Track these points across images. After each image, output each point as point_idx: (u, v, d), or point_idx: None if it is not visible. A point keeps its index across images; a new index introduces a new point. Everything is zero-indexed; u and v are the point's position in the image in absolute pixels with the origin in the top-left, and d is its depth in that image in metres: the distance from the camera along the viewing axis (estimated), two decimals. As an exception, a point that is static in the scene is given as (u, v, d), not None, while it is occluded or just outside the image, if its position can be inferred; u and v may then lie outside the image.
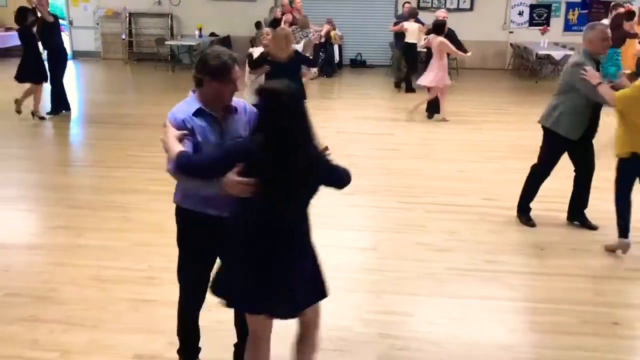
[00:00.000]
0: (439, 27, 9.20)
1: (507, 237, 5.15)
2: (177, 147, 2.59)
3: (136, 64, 15.35)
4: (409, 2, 12.76)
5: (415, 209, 5.76)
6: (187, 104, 2.76)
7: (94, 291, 4.14)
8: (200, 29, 14.63)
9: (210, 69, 2.66)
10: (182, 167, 2.55)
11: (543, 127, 5.26)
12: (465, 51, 9.79)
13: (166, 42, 14.71)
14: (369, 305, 3.99)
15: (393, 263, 4.61)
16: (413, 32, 11.50)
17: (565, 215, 5.54)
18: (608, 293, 4.24)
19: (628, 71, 10.25)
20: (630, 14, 10.40)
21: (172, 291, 4.15)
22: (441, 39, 9.06)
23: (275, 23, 10.67)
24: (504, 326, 3.80)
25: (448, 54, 9.23)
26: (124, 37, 15.54)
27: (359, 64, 15.21)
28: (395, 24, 12.03)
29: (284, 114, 2.43)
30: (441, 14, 9.95)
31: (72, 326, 3.72)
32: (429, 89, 9.35)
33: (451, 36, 9.61)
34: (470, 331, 3.72)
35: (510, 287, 4.29)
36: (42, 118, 9.22)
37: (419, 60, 12.23)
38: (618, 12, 10.33)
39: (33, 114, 9.15)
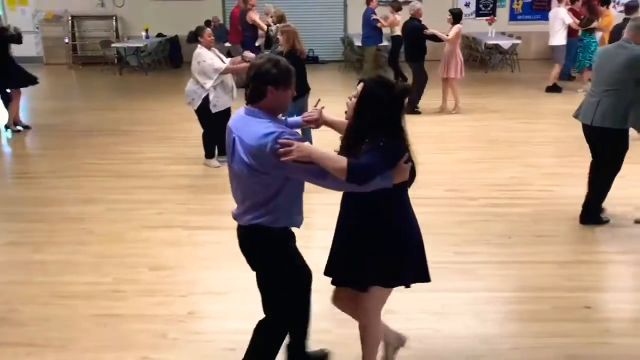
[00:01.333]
0: (460, 16, 9.40)
1: (474, 228, 5.18)
2: (338, 157, 2.52)
3: (81, 68, 14.87)
4: None
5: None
6: (269, 119, 2.60)
7: (56, 309, 3.94)
8: (146, 30, 14.27)
9: (275, 77, 2.58)
10: (360, 174, 2.48)
11: (610, 128, 4.82)
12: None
13: (112, 45, 14.29)
14: (345, 305, 3.93)
15: (364, 260, 4.56)
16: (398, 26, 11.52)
17: (526, 201, 5.64)
18: (577, 278, 4.30)
19: None
20: None
21: (140, 303, 4.01)
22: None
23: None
24: (480, 318, 3.81)
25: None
26: (67, 40, 15.01)
27: (311, 60, 15.12)
28: (376, 20, 11.58)
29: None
30: (418, 5, 9.93)
31: (37, 348, 3.52)
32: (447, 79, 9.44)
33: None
34: (449, 325, 3.71)
35: (482, 278, 4.32)
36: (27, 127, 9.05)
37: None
38: None
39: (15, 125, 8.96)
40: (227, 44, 12.42)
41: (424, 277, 2.90)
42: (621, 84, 4.73)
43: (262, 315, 3.82)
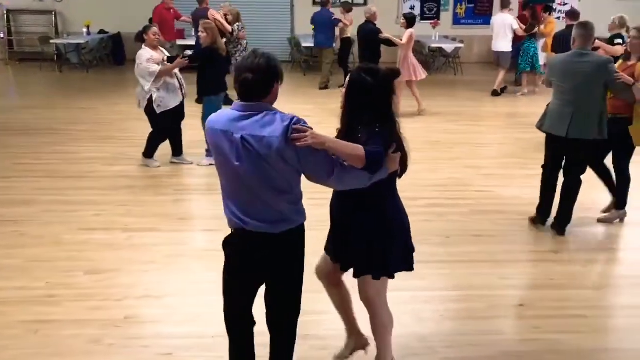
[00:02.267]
0: (414, 21, 9.59)
1: (413, 228, 5.19)
2: (353, 145, 2.58)
3: (19, 64, 14.31)
4: None
5: (324, 205, 5.74)
6: (279, 112, 2.57)
7: (-15, 316, 3.79)
8: (88, 27, 13.86)
9: (279, 72, 2.62)
10: (376, 160, 2.60)
11: (586, 140, 4.83)
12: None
13: (51, 41, 13.82)
14: (285, 307, 3.93)
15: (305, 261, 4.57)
16: (350, 27, 11.48)
17: (465, 202, 5.78)
18: (512, 276, 4.44)
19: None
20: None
21: (74, 309, 3.90)
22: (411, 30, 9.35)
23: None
24: (417, 317, 3.88)
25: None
26: (2, 35, 14.44)
27: (257, 60, 15.01)
28: (338, 20, 11.59)
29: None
30: (374, 9, 9.99)
31: (-38, 357, 3.37)
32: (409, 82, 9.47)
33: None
34: (387, 324, 3.76)
35: (420, 277, 4.35)
36: None
37: None
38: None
39: None
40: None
41: (410, 267, 3.09)
42: (592, 93, 4.75)
43: (199, 319, 3.79)
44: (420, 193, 6.07)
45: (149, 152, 6.81)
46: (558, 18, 13.00)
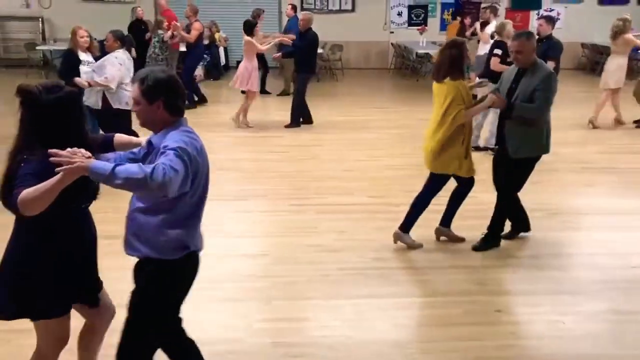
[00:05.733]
0: (252, 27, 9.18)
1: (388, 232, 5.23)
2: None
3: (5, 70, 14.24)
4: (293, 4, 12.38)
5: (306, 211, 5.74)
6: None
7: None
8: (75, 33, 13.80)
9: None
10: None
11: None
12: None
13: (37, 47, 13.76)
14: (259, 314, 3.91)
15: (285, 268, 4.55)
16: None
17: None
18: (489, 282, 4.43)
19: None
20: None
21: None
22: (248, 38, 9.04)
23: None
24: (394, 323, 3.85)
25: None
26: (-12, 42, 14.40)
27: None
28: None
29: None
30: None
31: None
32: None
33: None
34: (363, 331, 3.73)
35: (398, 283, 4.37)
36: None
37: None
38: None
39: None
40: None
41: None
42: None
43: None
44: (403, 199, 5.95)
45: None
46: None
